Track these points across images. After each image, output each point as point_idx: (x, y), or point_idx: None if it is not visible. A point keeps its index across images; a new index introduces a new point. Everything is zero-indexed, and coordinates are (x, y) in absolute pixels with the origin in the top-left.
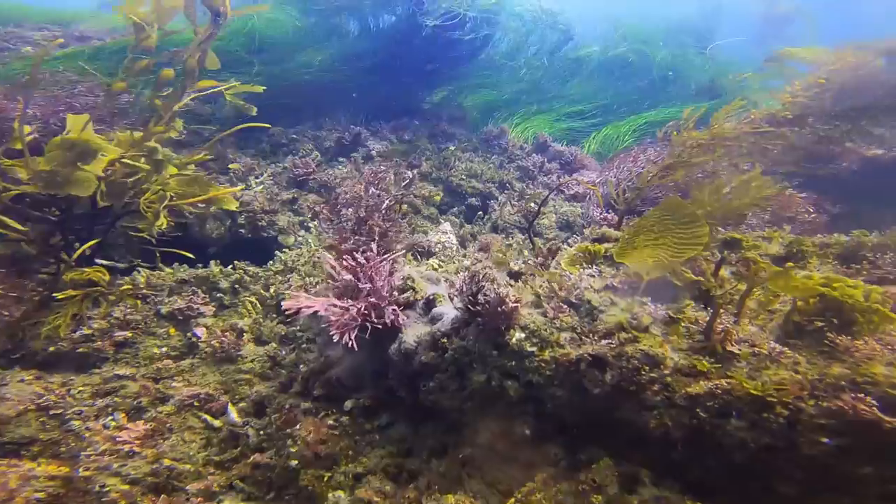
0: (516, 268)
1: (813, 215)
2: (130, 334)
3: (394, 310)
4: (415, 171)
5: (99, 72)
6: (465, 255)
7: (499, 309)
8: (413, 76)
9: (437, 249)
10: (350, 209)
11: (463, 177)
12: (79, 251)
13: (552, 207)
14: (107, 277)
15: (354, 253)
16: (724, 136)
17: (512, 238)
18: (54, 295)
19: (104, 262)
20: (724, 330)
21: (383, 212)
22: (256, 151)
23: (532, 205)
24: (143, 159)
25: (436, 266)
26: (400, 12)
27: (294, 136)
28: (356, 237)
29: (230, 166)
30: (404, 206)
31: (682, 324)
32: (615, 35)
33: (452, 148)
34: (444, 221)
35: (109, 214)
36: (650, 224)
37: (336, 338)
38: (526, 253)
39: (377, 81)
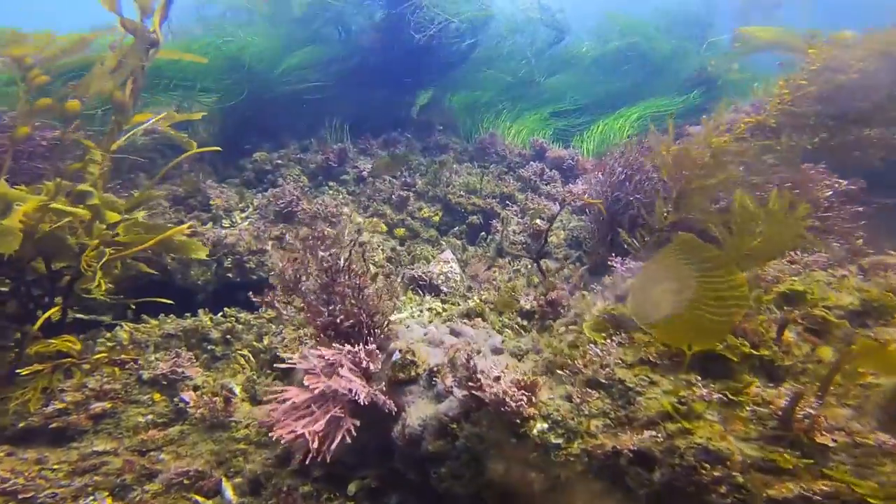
0: (528, 306)
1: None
2: (109, 405)
3: (391, 404)
4: (411, 191)
5: None
6: (468, 289)
7: (504, 408)
8: (398, 82)
9: (439, 281)
10: (308, 280)
11: (462, 193)
12: (39, 321)
13: (559, 222)
14: (77, 346)
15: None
16: (725, 151)
17: (519, 262)
18: (17, 371)
19: (85, 317)
20: (808, 415)
21: (348, 269)
22: (241, 181)
23: (537, 221)
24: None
25: (440, 309)
26: (382, 17)
27: (279, 161)
28: (329, 307)
29: (212, 202)
30: (372, 267)
31: (746, 406)
32: (610, 29)
33: (447, 159)
34: (445, 246)
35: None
36: (666, 272)
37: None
38: (536, 279)
39: (362, 89)
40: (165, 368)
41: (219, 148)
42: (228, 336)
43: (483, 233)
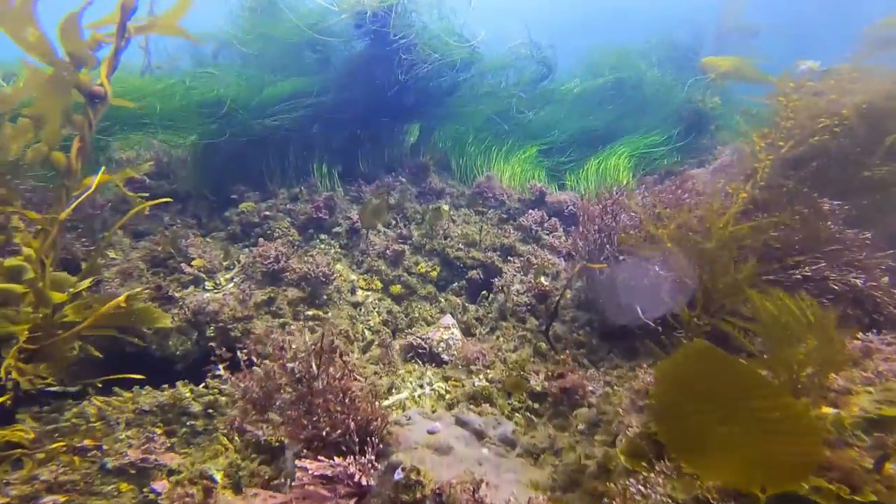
0: (538, 387)
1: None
2: (64, 498)
3: None
4: (407, 244)
5: None
6: (474, 359)
7: None
8: (387, 118)
9: (440, 349)
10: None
11: (460, 247)
12: None
13: (565, 279)
14: (30, 435)
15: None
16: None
17: (525, 325)
18: None
19: (54, 388)
20: None
21: (326, 374)
22: (227, 234)
23: (541, 280)
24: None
25: (443, 390)
26: (371, 54)
27: (267, 212)
28: (311, 418)
29: (193, 262)
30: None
31: None
32: (599, 63)
33: (443, 211)
34: (445, 305)
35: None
36: (694, 389)
37: None
38: (544, 346)
39: (353, 125)
40: (135, 456)
41: (169, 199)
42: (210, 410)
43: (484, 291)
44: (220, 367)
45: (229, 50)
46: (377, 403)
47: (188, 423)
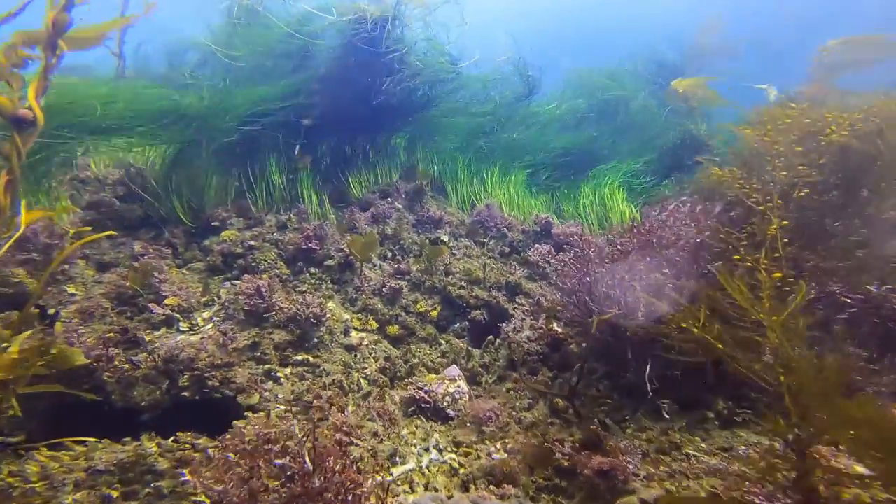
0: (565, 461)
1: None
2: None
3: None
4: (405, 280)
5: None
6: (483, 422)
7: None
8: (370, 129)
9: (445, 403)
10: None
11: (463, 284)
12: None
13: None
14: None
15: None
16: None
17: (536, 379)
18: None
19: None
20: None
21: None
22: (206, 265)
23: (554, 325)
24: None
25: (455, 463)
26: (359, 64)
27: (252, 242)
28: None
29: (166, 301)
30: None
31: None
32: (586, 84)
33: (443, 248)
34: (447, 350)
35: None
36: None
37: None
38: (561, 403)
39: (340, 134)
40: None
41: (110, 233)
42: (181, 468)
43: (490, 336)
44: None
45: (214, 59)
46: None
47: (153, 484)
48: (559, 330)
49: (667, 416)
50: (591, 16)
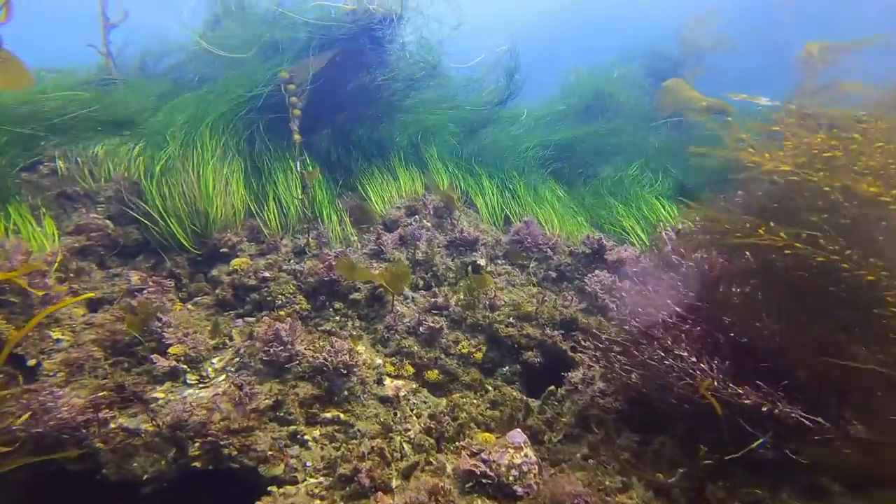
0: None
1: None
2: None
3: None
4: (443, 316)
5: None
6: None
7: None
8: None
9: (510, 478)
10: None
11: (511, 320)
12: None
13: None
14: None
15: None
16: None
17: (619, 444)
18: None
19: None
20: None
21: None
22: (214, 300)
23: (633, 378)
24: None
25: None
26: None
27: (266, 273)
28: None
29: (171, 349)
30: None
31: None
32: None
33: (486, 277)
34: (498, 400)
35: None
36: None
37: None
38: (663, 478)
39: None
40: None
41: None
42: None
43: (552, 386)
44: None
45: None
46: None
47: None
48: (639, 382)
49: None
50: (595, 8)
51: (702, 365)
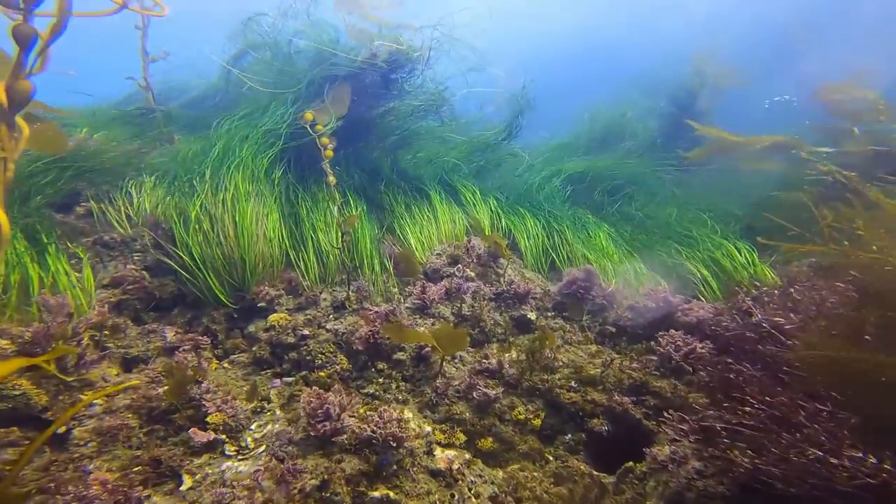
0: None
1: None
2: None
3: None
4: (495, 380)
5: None
6: None
7: None
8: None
9: None
10: None
11: (572, 384)
12: None
13: None
14: None
15: None
16: None
17: None
18: None
19: None
20: None
21: None
22: (251, 359)
23: (737, 455)
24: None
25: None
26: None
27: (306, 330)
28: None
29: (209, 418)
30: None
31: None
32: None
33: (545, 333)
34: (560, 471)
35: None
36: None
37: None
38: None
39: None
40: None
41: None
42: None
43: (629, 462)
44: None
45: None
46: None
47: None
48: (744, 460)
49: None
50: (611, 36)
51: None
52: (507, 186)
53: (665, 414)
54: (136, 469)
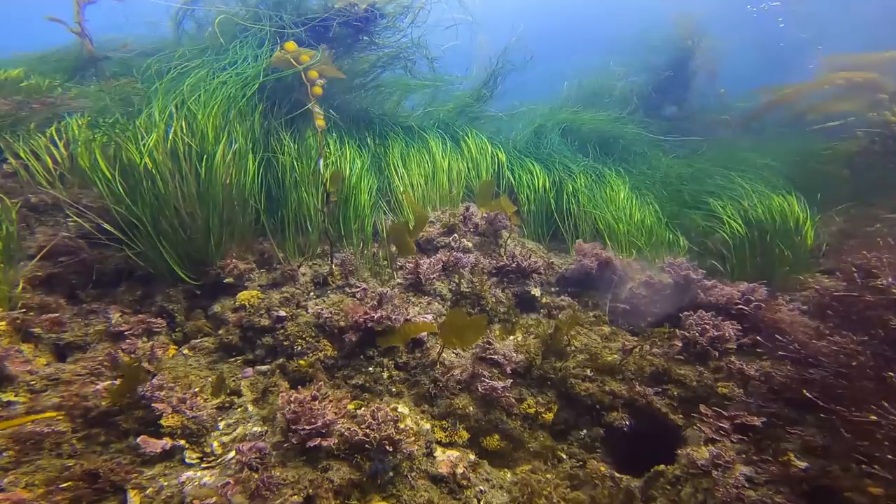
0: None
1: None
2: None
3: None
4: (503, 379)
5: None
6: None
7: None
8: None
9: None
10: None
11: (588, 372)
12: None
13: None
14: None
15: None
16: None
17: None
18: None
19: None
20: None
21: None
22: (216, 344)
23: (793, 459)
24: None
25: None
26: None
27: (282, 311)
28: None
29: (164, 421)
30: None
31: None
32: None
33: (569, 318)
34: (578, 474)
35: None
36: None
37: None
38: None
39: None
40: None
41: None
42: None
43: (660, 465)
44: None
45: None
46: None
47: None
48: (801, 465)
49: None
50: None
51: None
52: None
53: (695, 406)
54: (66, 485)
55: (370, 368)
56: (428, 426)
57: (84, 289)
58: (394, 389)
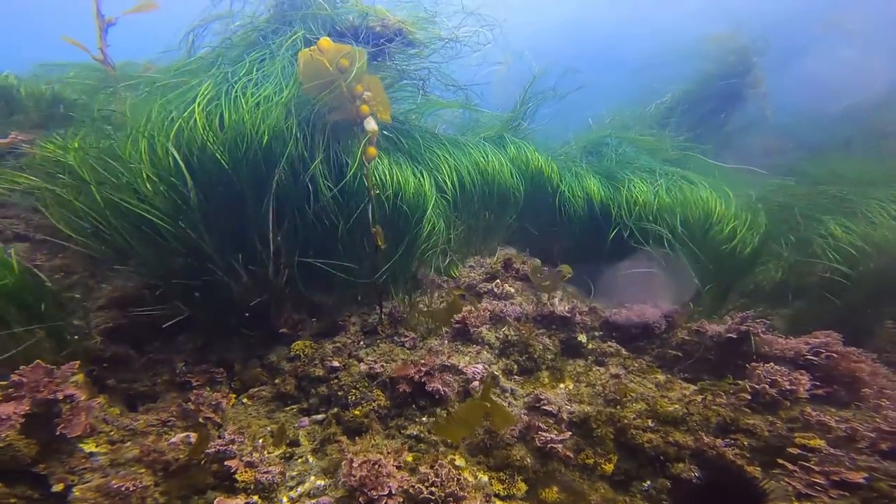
0: None
1: None
2: None
3: None
4: (554, 419)
5: None
6: None
7: None
8: None
9: None
10: None
11: (649, 423)
12: None
13: None
14: None
15: None
16: None
17: None
18: None
19: None
20: None
21: None
22: (273, 393)
23: None
24: None
25: None
26: None
27: (335, 361)
28: None
29: (238, 475)
30: None
31: None
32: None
33: (582, 338)
34: None
35: None
36: None
37: None
38: None
39: None
40: None
41: None
42: None
43: None
44: None
45: None
46: None
47: None
48: None
49: None
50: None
51: None
52: None
53: (771, 457)
54: None
55: (423, 418)
56: (485, 478)
57: (149, 339)
58: (450, 441)
